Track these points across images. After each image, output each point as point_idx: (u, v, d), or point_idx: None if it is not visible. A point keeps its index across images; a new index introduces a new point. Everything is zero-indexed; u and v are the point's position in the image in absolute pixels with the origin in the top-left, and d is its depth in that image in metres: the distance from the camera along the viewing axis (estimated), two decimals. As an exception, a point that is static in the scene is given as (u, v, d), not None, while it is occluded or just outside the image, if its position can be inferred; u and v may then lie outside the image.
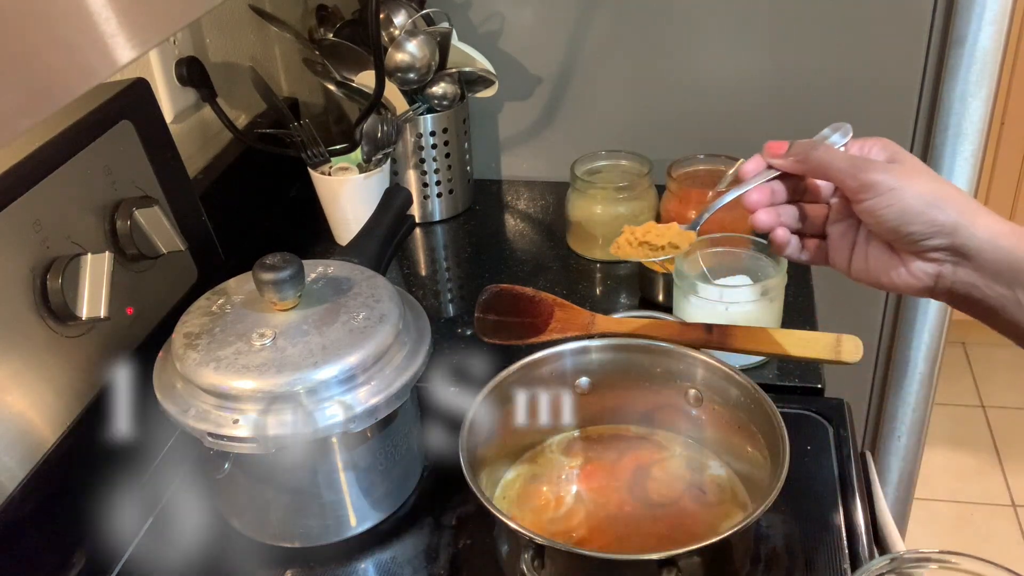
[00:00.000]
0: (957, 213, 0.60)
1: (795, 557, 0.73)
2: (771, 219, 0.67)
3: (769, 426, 0.71)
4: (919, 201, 0.60)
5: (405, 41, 1.11)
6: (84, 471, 0.75)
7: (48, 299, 0.71)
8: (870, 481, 0.83)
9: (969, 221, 0.60)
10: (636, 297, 1.06)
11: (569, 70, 1.26)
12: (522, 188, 1.33)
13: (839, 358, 0.80)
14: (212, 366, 0.68)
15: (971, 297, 0.62)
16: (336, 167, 1.11)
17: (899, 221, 0.61)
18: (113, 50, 0.38)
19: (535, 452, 0.81)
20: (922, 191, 0.60)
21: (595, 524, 0.74)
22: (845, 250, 0.67)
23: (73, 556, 0.75)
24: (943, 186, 0.61)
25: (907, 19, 1.15)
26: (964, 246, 0.60)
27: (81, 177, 0.77)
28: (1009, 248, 0.59)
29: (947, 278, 0.62)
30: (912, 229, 0.61)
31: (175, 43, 1.01)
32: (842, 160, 0.63)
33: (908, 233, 0.61)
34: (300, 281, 0.72)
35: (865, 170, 0.62)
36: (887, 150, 0.65)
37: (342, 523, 0.76)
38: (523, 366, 0.78)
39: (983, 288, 0.61)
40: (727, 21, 1.19)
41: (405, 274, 1.14)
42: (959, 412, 2.28)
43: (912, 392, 1.41)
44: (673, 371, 0.79)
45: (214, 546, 0.77)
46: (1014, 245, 0.59)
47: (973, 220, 0.60)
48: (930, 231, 0.60)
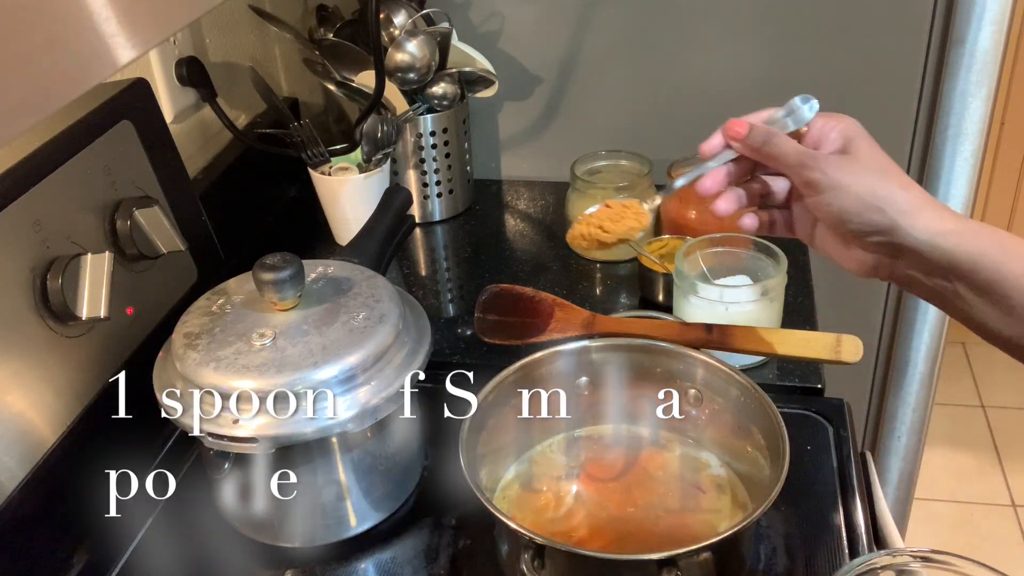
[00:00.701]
0: (896, 213, 0.61)
1: (795, 557, 0.73)
2: (729, 205, 0.68)
3: (769, 426, 0.71)
4: (857, 202, 0.61)
5: (405, 41, 1.11)
6: (84, 471, 0.75)
7: (48, 299, 0.71)
8: (870, 481, 0.83)
9: (908, 222, 0.61)
10: (636, 297, 1.06)
11: (569, 70, 1.26)
12: (522, 188, 1.33)
13: (839, 358, 0.80)
14: (212, 366, 0.68)
15: (913, 284, 0.64)
16: (336, 167, 1.11)
17: (838, 219, 0.63)
18: (113, 50, 0.38)
19: (535, 452, 0.81)
20: (862, 192, 0.61)
21: (595, 524, 0.74)
22: (807, 224, 0.69)
23: (73, 556, 0.75)
24: (886, 185, 0.62)
25: (907, 19, 1.15)
26: (902, 245, 0.61)
27: (81, 177, 0.77)
28: (947, 248, 0.60)
29: (887, 268, 0.64)
30: (851, 228, 0.63)
31: (175, 43, 1.01)
32: (792, 155, 0.64)
33: (848, 230, 0.63)
34: (300, 281, 0.72)
35: (810, 168, 0.63)
36: (844, 136, 0.65)
37: (342, 523, 0.76)
38: (523, 366, 0.78)
39: (923, 280, 0.63)
40: (727, 21, 1.19)
41: (405, 274, 1.14)
42: (959, 412, 2.28)
43: (912, 392, 1.41)
44: (673, 371, 0.79)
45: (214, 546, 0.77)
46: (954, 245, 0.60)
47: (913, 221, 0.61)
48: (868, 230, 0.62)
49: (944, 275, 0.61)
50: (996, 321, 0.60)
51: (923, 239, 0.60)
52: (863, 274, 0.66)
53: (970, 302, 0.61)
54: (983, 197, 2.28)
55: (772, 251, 0.91)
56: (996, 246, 0.59)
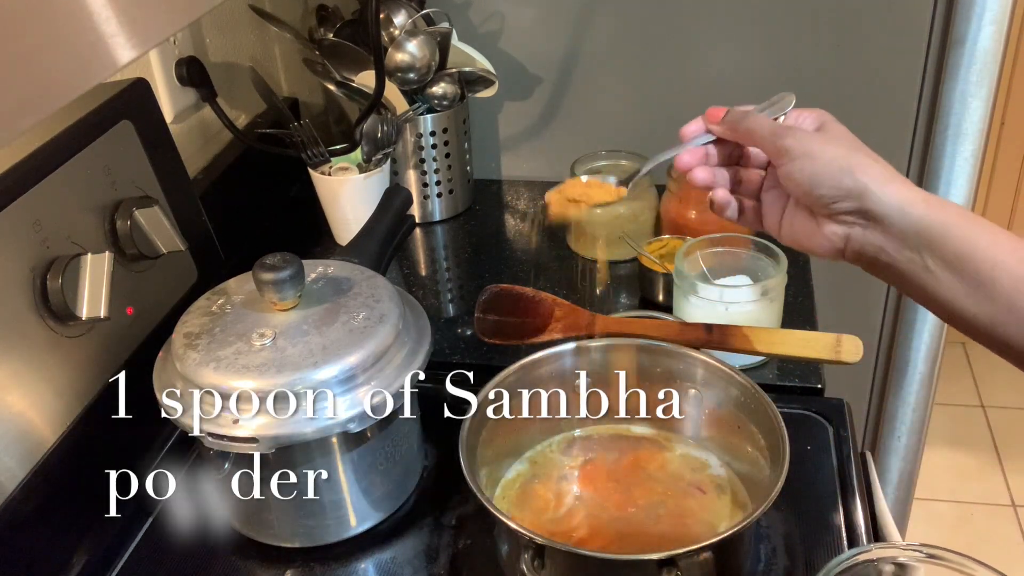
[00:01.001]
0: (867, 179, 0.62)
1: (795, 557, 0.73)
2: (707, 176, 0.70)
3: (769, 426, 0.71)
4: (830, 166, 0.63)
5: (405, 41, 1.11)
6: (84, 471, 0.75)
7: (48, 299, 0.71)
8: (870, 481, 0.83)
9: (878, 188, 0.62)
10: (636, 297, 1.06)
11: (569, 70, 1.26)
12: (522, 188, 1.33)
13: (839, 358, 0.80)
14: (212, 366, 0.68)
15: (879, 261, 0.64)
16: (336, 167, 1.11)
17: (810, 184, 0.64)
18: (113, 50, 0.38)
19: (535, 452, 0.81)
20: (834, 157, 0.63)
21: (595, 524, 0.74)
22: (776, 215, 0.70)
23: (73, 556, 0.75)
24: (857, 154, 0.64)
25: (907, 19, 1.15)
26: (872, 210, 0.62)
27: (81, 177, 0.77)
28: (917, 216, 0.61)
29: (857, 241, 0.64)
30: (821, 192, 0.63)
31: (175, 43, 1.01)
32: (765, 128, 0.67)
33: (819, 196, 0.64)
34: (300, 281, 0.72)
35: (783, 137, 0.65)
36: (818, 120, 0.68)
37: (342, 523, 0.76)
38: (523, 366, 0.78)
39: (891, 252, 0.63)
40: (727, 21, 1.19)
41: (405, 274, 1.14)
42: (959, 412, 2.28)
43: (912, 392, 1.41)
44: (673, 371, 0.79)
45: (214, 546, 0.77)
46: (923, 213, 0.61)
47: (882, 187, 0.62)
48: (839, 195, 0.63)
49: (913, 246, 0.61)
50: (963, 298, 0.61)
51: (893, 204, 0.61)
52: (830, 253, 0.66)
53: (938, 277, 0.61)
54: (983, 197, 2.28)
55: (772, 251, 0.91)
56: (962, 218, 0.61)
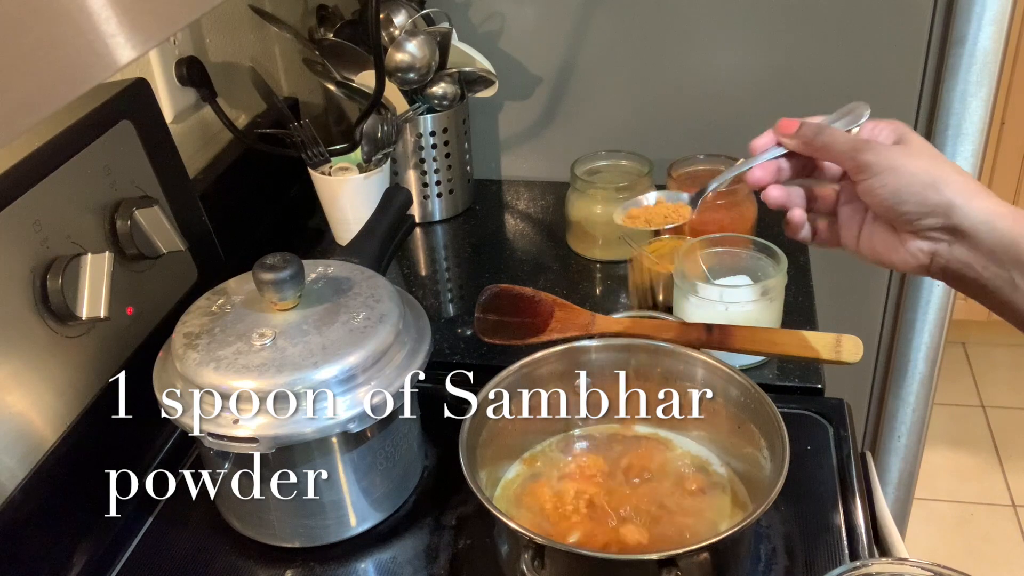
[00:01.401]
0: (953, 193, 0.60)
1: (795, 557, 0.73)
2: (782, 196, 0.68)
3: (769, 426, 0.71)
4: (914, 181, 0.61)
5: (405, 41, 1.11)
6: (84, 471, 0.75)
7: (48, 299, 0.71)
8: (870, 481, 0.83)
9: (964, 202, 0.60)
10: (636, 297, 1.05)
11: (569, 70, 1.26)
12: (522, 188, 1.33)
13: (839, 358, 0.80)
14: (212, 366, 0.68)
15: (966, 277, 0.62)
16: (336, 167, 1.11)
17: (894, 200, 0.62)
18: (113, 50, 0.38)
19: (535, 452, 0.81)
20: (917, 171, 0.61)
21: (595, 524, 0.74)
22: (854, 230, 0.68)
23: (73, 556, 0.75)
24: (942, 167, 0.62)
25: (907, 19, 1.15)
26: (959, 226, 0.61)
27: (81, 177, 0.77)
28: (1005, 229, 0.59)
29: (943, 256, 0.63)
30: (906, 208, 0.62)
31: (175, 43, 1.01)
32: (844, 142, 0.64)
33: (903, 212, 0.62)
34: (300, 281, 0.72)
35: (863, 151, 0.63)
36: (896, 132, 0.66)
37: (342, 523, 0.76)
38: (523, 366, 0.78)
39: (978, 268, 0.61)
40: (727, 21, 1.19)
41: (405, 274, 1.14)
42: (959, 412, 2.28)
43: (912, 392, 1.41)
44: (673, 371, 0.79)
45: (214, 546, 0.77)
46: (1010, 227, 0.59)
47: (969, 201, 0.60)
48: (924, 211, 0.61)
49: (1000, 262, 0.60)
50: None
51: (980, 219, 0.59)
52: (915, 269, 0.64)
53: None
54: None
55: (772, 251, 0.91)
56: None
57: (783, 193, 0.68)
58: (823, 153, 0.66)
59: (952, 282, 0.64)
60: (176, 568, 0.76)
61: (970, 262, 0.62)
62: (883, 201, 0.62)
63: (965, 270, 0.62)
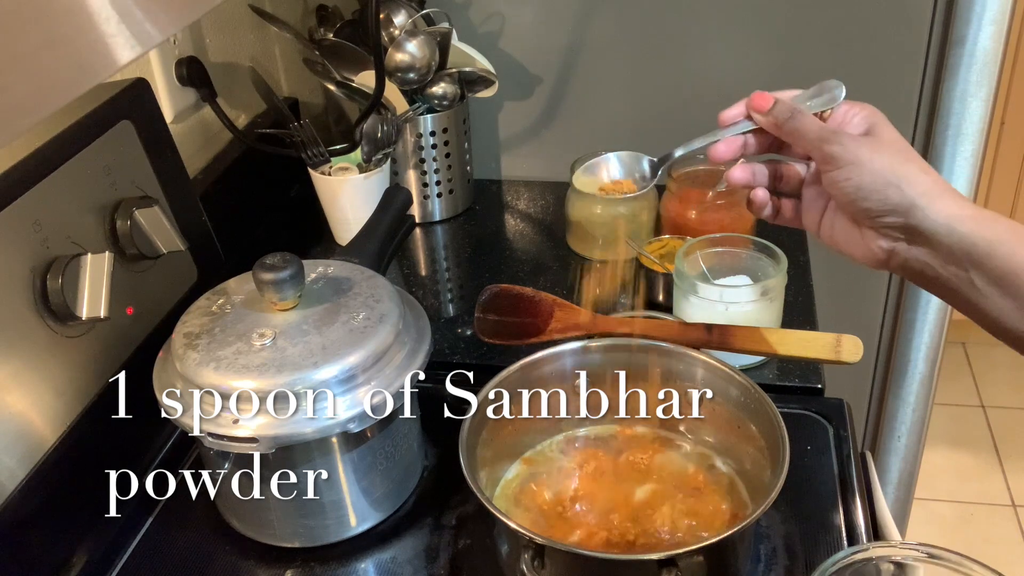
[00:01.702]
0: (916, 194, 0.60)
1: (795, 557, 0.73)
2: (745, 176, 0.68)
3: (769, 426, 0.71)
4: (877, 179, 0.60)
5: (405, 41, 1.11)
6: (84, 471, 0.75)
7: (48, 299, 0.71)
8: (870, 481, 0.83)
9: (927, 203, 0.59)
10: (636, 297, 1.05)
11: (569, 70, 1.26)
12: (522, 188, 1.33)
13: (839, 358, 0.80)
14: (212, 366, 0.68)
15: (926, 275, 0.62)
16: (336, 167, 1.11)
17: (856, 196, 0.61)
18: (113, 50, 0.38)
19: (535, 452, 0.81)
20: (881, 168, 0.60)
21: (595, 524, 0.74)
22: (816, 213, 0.67)
23: (73, 556, 0.75)
24: (907, 165, 0.61)
25: (907, 19, 1.15)
26: (918, 227, 0.60)
27: (81, 177, 0.77)
28: (965, 232, 0.59)
29: (901, 254, 0.63)
30: (867, 205, 0.61)
31: (175, 43, 1.01)
32: (813, 130, 0.64)
33: (864, 208, 0.62)
34: (300, 281, 0.72)
35: (830, 142, 0.62)
36: (869, 120, 0.65)
37: (342, 523, 0.76)
38: (523, 366, 0.78)
39: (937, 268, 0.61)
40: (727, 21, 1.19)
41: (405, 274, 1.14)
42: (959, 412, 2.28)
43: (912, 392, 1.41)
44: (673, 371, 0.79)
45: (214, 546, 0.77)
46: (970, 230, 0.59)
47: (931, 203, 0.59)
48: (885, 209, 0.61)
49: (959, 263, 0.60)
50: (1010, 314, 0.59)
51: (940, 222, 0.59)
52: (872, 263, 0.64)
53: (984, 293, 0.59)
54: (983, 197, 2.28)
55: (772, 251, 0.91)
56: (1013, 233, 0.58)
57: (747, 173, 0.68)
58: (792, 138, 0.65)
59: (912, 279, 0.64)
60: (176, 568, 0.76)
61: (929, 261, 0.61)
62: (846, 195, 0.62)
63: (924, 268, 0.62)
